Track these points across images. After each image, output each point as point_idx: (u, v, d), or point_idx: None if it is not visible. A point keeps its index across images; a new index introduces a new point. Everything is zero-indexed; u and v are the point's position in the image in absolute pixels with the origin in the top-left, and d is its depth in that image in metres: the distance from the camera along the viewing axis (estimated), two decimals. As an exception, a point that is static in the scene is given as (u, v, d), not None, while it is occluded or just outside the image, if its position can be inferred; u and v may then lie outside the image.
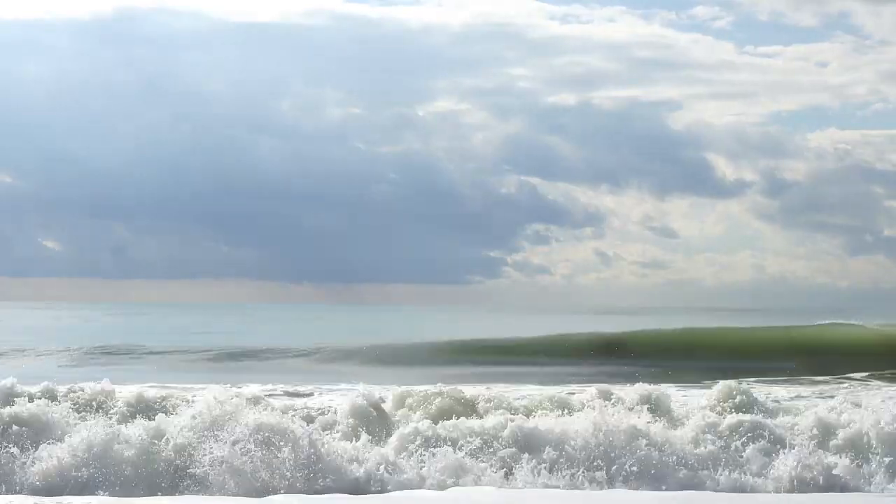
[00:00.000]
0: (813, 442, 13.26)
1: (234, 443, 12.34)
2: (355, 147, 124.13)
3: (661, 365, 25.78)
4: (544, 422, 13.58)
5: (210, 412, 12.79)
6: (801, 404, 15.69)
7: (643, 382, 15.03)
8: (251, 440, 12.35)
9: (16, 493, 11.99)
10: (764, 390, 18.99)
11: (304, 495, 12.01)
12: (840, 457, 12.99)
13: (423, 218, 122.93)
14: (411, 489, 12.25)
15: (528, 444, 13.11)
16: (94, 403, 14.18)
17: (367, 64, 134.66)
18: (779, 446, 13.14)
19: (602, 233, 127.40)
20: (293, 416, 13.42)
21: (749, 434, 13.40)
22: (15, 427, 12.96)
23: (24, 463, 12.41)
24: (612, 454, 12.81)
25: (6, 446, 12.61)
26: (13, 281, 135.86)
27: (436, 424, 13.58)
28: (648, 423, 13.48)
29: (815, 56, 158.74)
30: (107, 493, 11.99)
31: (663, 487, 12.46)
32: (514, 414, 14.19)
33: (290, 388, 19.10)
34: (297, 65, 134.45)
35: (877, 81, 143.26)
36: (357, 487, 12.27)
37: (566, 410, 14.23)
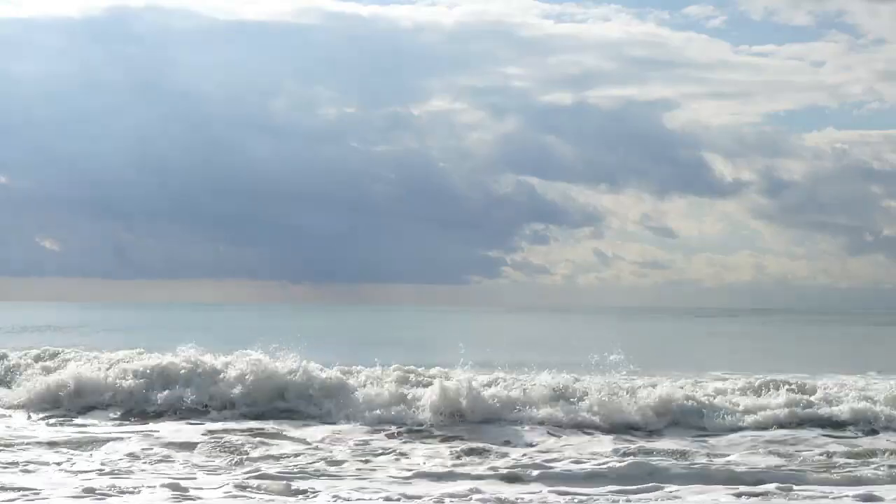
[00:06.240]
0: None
1: None
2: (351, 146, 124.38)
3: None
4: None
5: None
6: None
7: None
8: None
9: None
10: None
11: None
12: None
13: (422, 217, 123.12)
14: None
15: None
16: None
17: (359, 63, 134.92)
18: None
19: (601, 233, 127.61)
20: None
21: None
22: None
23: None
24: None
25: None
26: (12, 281, 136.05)
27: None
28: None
29: (810, 55, 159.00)
30: None
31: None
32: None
33: None
34: (289, 64, 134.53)
35: (872, 80, 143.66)
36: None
37: None
